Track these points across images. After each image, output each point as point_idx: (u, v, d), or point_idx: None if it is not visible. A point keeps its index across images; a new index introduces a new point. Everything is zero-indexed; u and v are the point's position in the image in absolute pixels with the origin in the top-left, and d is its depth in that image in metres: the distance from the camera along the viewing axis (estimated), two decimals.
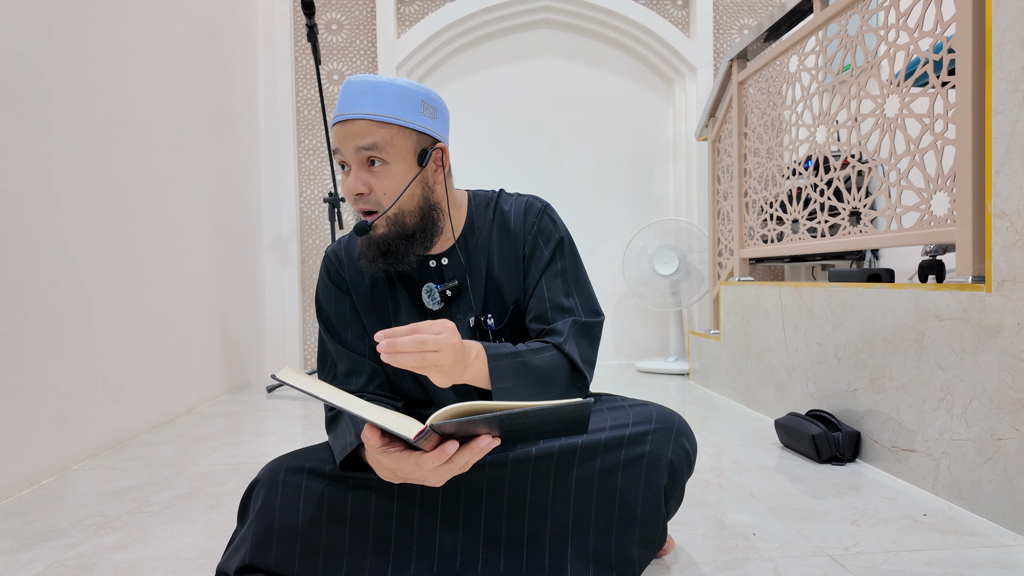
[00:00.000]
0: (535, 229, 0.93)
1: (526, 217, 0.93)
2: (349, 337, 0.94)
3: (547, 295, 0.91)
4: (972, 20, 1.21)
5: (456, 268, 0.93)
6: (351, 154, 0.82)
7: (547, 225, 0.93)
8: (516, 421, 0.66)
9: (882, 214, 1.53)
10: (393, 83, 0.82)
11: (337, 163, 0.85)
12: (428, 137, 0.86)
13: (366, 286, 0.95)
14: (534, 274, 0.92)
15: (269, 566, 0.79)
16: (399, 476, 0.72)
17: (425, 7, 3.17)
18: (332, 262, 0.97)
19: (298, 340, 3.13)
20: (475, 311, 0.92)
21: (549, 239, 0.93)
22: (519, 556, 0.83)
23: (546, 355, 0.84)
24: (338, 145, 0.83)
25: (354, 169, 0.83)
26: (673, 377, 2.85)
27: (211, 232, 2.46)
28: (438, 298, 0.92)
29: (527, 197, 0.96)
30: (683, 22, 3.27)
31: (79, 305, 1.61)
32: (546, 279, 0.91)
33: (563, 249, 0.93)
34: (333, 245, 0.99)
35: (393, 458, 0.71)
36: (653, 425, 0.84)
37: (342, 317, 0.95)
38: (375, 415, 0.66)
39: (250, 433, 1.90)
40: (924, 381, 1.30)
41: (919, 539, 1.06)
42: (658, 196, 3.36)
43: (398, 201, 0.84)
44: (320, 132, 3.15)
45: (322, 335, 0.96)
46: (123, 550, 1.07)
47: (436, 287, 0.92)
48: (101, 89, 1.73)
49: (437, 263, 0.93)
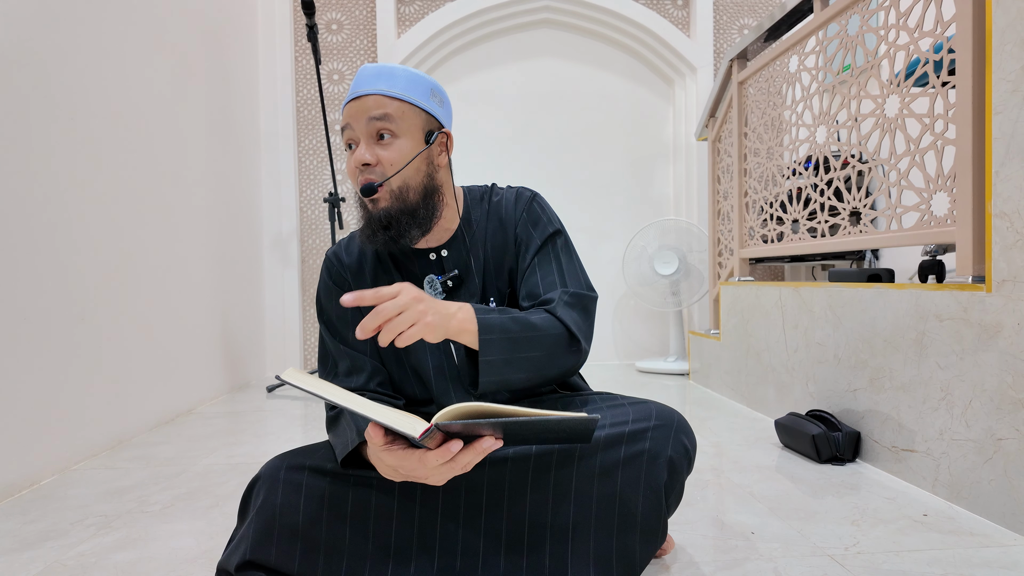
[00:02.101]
0: (525, 216, 0.96)
1: (516, 205, 0.97)
2: (350, 336, 0.95)
3: (539, 276, 0.92)
4: (972, 20, 1.21)
5: (456, 259, 0.96)
6: (362, 126, 0.85)
7: (537, 212, 0.96)
8: (521, 428, 0.66)
9: (882, 214, 1.53)
10: (405, 68, 0.88)
11: (344, 143, 0.88)
12: (435, 120, 0.90)
13: (367, 285, 0.97)
14: (525, 258, 0.94)
15: (270, 563, 0.79)
16: (401, 474, 0.73)
17: (425, 7, 3.17)
18: (333, 263, 0.99)
19: (298, 340, 3.13)
20: (475, 299, 0.95)
21: (538, 224, 0.95)
22: (520, 555, 0.83)
23: (537, 315, 0.84)
24: (349, 120, 0.86)
25: (363, 142, 0.85)
26: (673, 377, 2.85)
27: (211, 232, 2.46)
28: (439, 288, 0.94)
29: (517, 188, 1.00)
30: (683, 22, 3.27)
31: (79, 305, 1.61)
32: (538, 261, 0.93)
33: (553, 235, 0.95)
34: (333, 247, 1.01)
35: (396, 456, 0.71)
36: (652, 422, 0.85)
37: (343, 316, 0.96)
38: (380, 414, 0.66)
39: (250, 433, 1.90)
40: (924, 381, 1.30)
41: (919, 539, 1.06)
42: (658, 196, 3.36)
43: (402, 173, 0.86)
44: (320, 132, 3.16)
45: (323, 335, 0.98)
46: (123, 550, 1.07)
47: (437, 278, 0.94)
48: (101, 89, 1.73)
49: (437, 255, 0.96)
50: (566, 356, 0.84)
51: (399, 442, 0.72)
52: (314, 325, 3.17)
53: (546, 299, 0.89)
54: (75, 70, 1.63)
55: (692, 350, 2.68)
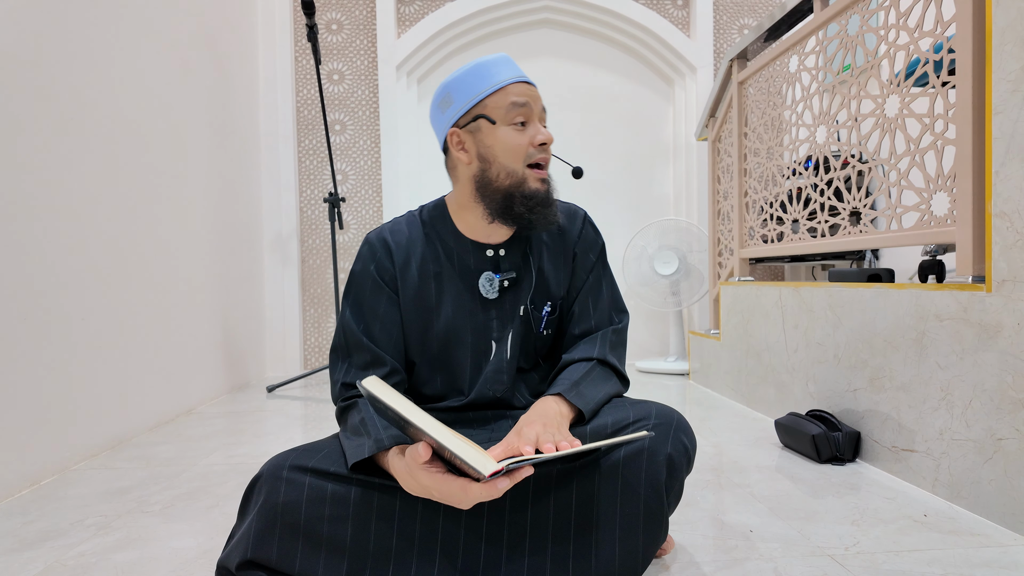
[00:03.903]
0: (582, 235, 1.03)
1: (572, 222, 1.03)
2: (376, 330, 0.94)
3: (591, 304, 1.02)
4: (972, 20, 1.21)
5: (512, 260, 0.98)
6: (537, 110, 0.92)
7: (590, 233, 1.04)
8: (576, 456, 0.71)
9: (882, 214, 1.53)
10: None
11: (509, 118, 0.90)
12: None
13: (413, 276, 0.96)
14: (581, 276, 1.02)
15: (271, 563, 0.79)
16: (434, 495, 0.73)
17: (425, 7, 3.17)
18: (378, 249, 0.96)
19: (298, 340, 3.13)
20: (524, 302, 0.98)
21: (594, 246, 1.04)
22: (522, 557, 0.83)
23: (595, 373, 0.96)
24: (528, 99, 0.91)
25: (538, 124, 0.92)
26: (673, 377, 2.85)
27: (211, 232, 2.46)
28: (497, 287, 0.96)
29: (567, 203, 1.05)
30: (683, 22, 3.27)
31: (79, 305, 1.61)
32: (591, 284, 1.03)
33: (603, 256, 1.06)
34: (379, 232, 0.98)
35: (435, 479, 0.71)
36: (652, 421, 0.86)
37: (374, 308, 0.95)
38: (451, 441, 0.67)
39: (250, 433, 1.90)
40: (924, 381, 1.30)
41: (919, 539, 1.06)
42: (658, 196, 3.36)
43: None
44: (320, 132, 3.16)
45: (347, 321, 0.95)
46: (123, 550, 1.07)
47: (497, 276, 0.96)
48: (101, 89, 1.73)
49: (495, 252, 0.97)
50: (619, 387, 0.99)
51: (437, 463, 0.72)
52: (314, 325, 3.17)
53: (595, 337, 1.00)
54: (75, 70, 1.63)
55: (692, 350, 2.68)
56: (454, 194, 0.99)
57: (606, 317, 1.03)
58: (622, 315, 1.05)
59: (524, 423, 0.81)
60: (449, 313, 0.96)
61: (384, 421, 0.83)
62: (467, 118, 0.91)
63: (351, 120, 3.17)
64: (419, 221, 1.00)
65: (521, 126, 0.90)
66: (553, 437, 0.77)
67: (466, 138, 0.92)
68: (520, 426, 0.81)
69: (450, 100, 0.92)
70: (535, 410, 0.85)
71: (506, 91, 0.90)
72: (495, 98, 0.90)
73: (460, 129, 0.92)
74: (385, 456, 0.81)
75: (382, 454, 0.81)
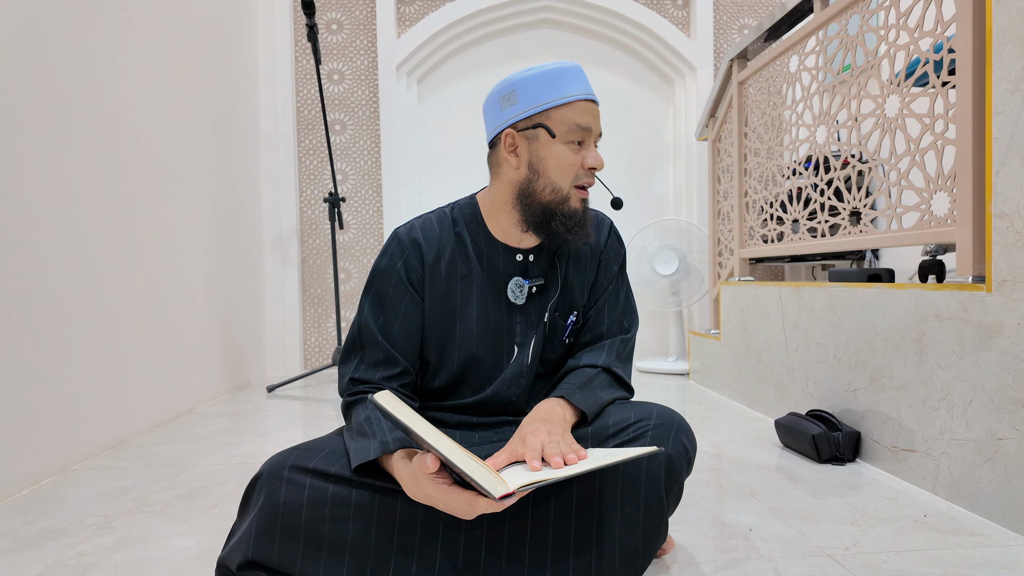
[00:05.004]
0: (607, 245, 1.03)
1: (599, 232, 1.03)
2: (394, 329, 0.93)
3: (607, 311, 1.03)
4: (972, 20, 1.21)
5: (540, 266, 0.98)
6: (596, 133, 0.91)
7: (615, 243, 1.04)
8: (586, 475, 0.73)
9: (882, 214, 1.53)
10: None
11: (569, 137, 0.88)
12: None
13: (440, 277, 0.95)
14: (602, 284, 1.03)
15: (271, 563, 0.79)
16: (438, 505, 0.73)
17: (425, 7, 3.17)
18: (408, 247, 0.94)
19: (298, 340, 3.13)
20: (549, 309, 0.98)
21: (618, 257, 1.05)
22: (522, 558, 0.83)
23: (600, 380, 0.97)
24: (591, 122, 0.89)
25: (594, 147, 0.91)
26: (673, 377, 2.85)
27: (211, 232, 2.46)
28: (526, 292, 0.97)
29: (594, 210, 1.04)
30: (683, 22, 3.27)
31: (79, 305, 1.61)
32: (611, 292, 1.03)
33: (624, 266, 1.06)
34: (409, 229, 0.96)
35: (442, 491, 0.71)
36: (653, 421, 0.86)
37: (396, 307, 0.94)
38: (463, 460, 0.67)
39: (250, 433, 1.90)
40: (924, 381, 1.30)
41: (919, 539, 1.06)
42: (658, 196, 3.36)
43: None
44: (320, 132, 3.16)
45: (364, 316, 0.94)
46: (123, 550, 1.07)
47: (526, 282, 0.96)
48: (101, 89, 1.73)
49: (525, 258, 0.97)
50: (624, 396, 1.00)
51: (444, 474, 0.72)
52: (314, 325, 3.17)
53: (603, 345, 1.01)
54: (74, 70, 1.63)
55: (692, 350, 2.68)
56: (490, 193, 0.97)
57: (617, 325, 1.03)
58: (632, 324, 1.05)
59: (527, 428, 0.81)
60: (474, 315, 0.96)
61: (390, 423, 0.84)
62: (527, 123, 0.89)
63: (351, 120, 3.17)
64: (450, 220, 0.98)
65: (578, 145, 0.89)
66: (559, 447, 0.76)
67: (521, 143, 0.90)
68: (524, 431, 0.81)
69: (514, 99, 0.89)
70: (538, 413, 0.85)
71: (573, 107, 0.87)
72: (561, 111, 0.87)
73: (517, 132, 0.90)
74: (389, 459, 0.81)
75: (386, 456, 0.81)
